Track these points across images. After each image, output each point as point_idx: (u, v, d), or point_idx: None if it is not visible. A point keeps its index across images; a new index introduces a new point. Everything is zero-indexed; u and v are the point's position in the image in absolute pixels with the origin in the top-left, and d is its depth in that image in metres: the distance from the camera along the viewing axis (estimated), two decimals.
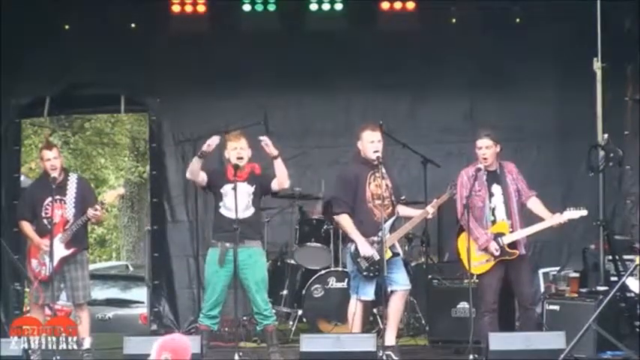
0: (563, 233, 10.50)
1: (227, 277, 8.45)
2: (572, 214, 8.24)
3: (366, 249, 8.34)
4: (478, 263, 8.27)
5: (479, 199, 8.32)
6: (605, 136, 9.07)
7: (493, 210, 8.35)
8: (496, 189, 8.38)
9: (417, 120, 10.93)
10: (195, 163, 8.52)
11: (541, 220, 8.37)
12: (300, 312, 9.86)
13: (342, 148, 10.23)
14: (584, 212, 8.23)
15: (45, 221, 8.80)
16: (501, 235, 8.28)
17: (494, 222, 8.35)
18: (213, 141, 8.45)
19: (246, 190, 8.52)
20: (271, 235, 10.05)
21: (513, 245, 8.30)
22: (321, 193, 10.28)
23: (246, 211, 8.49)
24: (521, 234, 8.32)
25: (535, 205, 8.43)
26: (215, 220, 8.65)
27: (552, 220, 8.30)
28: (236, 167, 8.44)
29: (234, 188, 8.35)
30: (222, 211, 8.54)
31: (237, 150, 8.52)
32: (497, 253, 8.25)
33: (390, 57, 10.85)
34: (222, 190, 8.54)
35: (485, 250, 8.26)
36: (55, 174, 8.79)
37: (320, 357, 7.90)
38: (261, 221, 8.81)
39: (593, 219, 9.09)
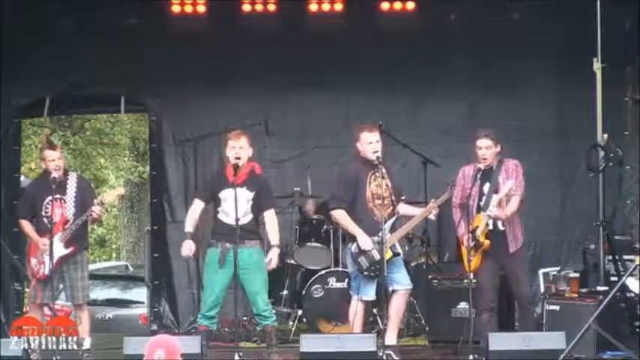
0: (563, 233, 10.56)
1: (227, 277, 8.45)
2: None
3: (365, 242, 8.31)
4: (467, 261, 8.25)
5: (470, 198, 8.29)
6: (605, 136, 9.08)
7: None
8: (487, 187, 8.33)
9: (417, 120, 10.91)
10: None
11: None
12: (300, 312, 9.86)
13: (342, 148, 10.19)
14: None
15: (45, 220, 8.80)
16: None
17: None
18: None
19: (245, 197, 8.49)
20: None
21: (498, 238, 8.22)
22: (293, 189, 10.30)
23: (244, 217, 8.45)
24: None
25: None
26: (213, 225, 8.61)
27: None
28: (236, 167, 8.43)
29: (234, 189, 8.35)
30: (221, 216, 8.52)
31: (236, 149, 8.52)
32: (471, 244, 8.15)
33: (389, 57, 10.83)
34: (220, 195, 8.52)
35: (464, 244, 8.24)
36: (57, 174, 8.79)
37: (320, 357, 7.89)
38: (259, 226, 8.77)
39: (593, 219, 9.10)
